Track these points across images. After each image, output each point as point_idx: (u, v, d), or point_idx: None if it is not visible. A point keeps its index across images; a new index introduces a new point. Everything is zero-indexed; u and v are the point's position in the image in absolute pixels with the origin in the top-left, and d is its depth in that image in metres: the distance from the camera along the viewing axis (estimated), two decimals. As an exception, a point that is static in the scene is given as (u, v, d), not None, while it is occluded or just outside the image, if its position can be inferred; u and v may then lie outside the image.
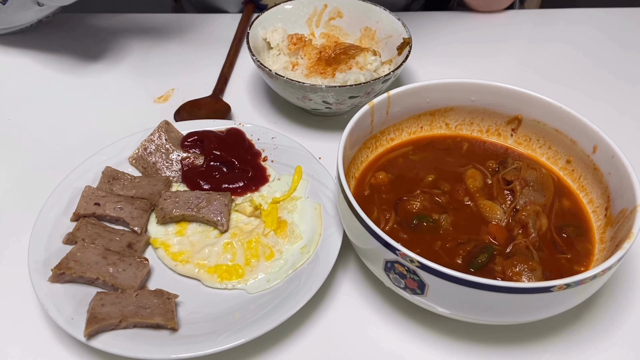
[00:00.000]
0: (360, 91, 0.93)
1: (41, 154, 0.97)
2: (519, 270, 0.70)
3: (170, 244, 0.81)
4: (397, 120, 0.87)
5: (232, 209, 0.85)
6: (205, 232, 0.83)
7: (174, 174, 0.90)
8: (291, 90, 0.94)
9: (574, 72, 1.18)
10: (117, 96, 1.09)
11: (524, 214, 0.77)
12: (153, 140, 0.91)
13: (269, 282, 0.77)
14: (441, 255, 0.73)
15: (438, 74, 0.86)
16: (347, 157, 0.79)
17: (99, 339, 0.68)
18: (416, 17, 1.29)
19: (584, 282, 0.62)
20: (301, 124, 1.04)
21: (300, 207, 0.85)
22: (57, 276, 0.73)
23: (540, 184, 0.80)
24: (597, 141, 0.78)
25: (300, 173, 0.88)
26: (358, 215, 0.68)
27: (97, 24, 1.25)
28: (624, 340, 0.75)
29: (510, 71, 1.19)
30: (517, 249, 0.74)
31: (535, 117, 0.85)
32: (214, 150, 0.91)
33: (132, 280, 0.74)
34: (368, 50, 1.01)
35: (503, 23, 1.31)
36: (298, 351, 0.73)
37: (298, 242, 0.81)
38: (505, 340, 0.75)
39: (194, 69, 1.15)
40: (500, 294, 0.62)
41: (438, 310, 0.69)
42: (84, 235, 0.79)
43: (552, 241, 0.76)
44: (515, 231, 0.76)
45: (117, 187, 0.86)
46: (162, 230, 0.83)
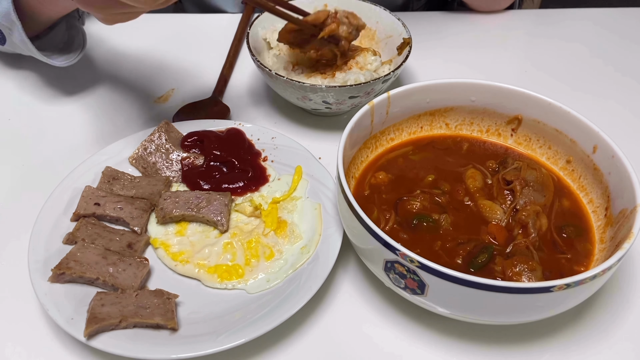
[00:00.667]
0: (360, 91, 0.93)
1: (41, 154, 0.97)
2: (519, 270, 0.70)
3: (170, 244, 0.81)
4: (397, 120, 0.87)
5: (232, 209, 0.85)
6: (205, 232, 0.83)
7: (174, 174, 0.90)
8: (291, 90, 0.94)
9: (574, 71, 1.18)
10: (117, 96, 1.09)
11: (524, 214, 0.77)
12: (153, 140, 0.91)
13: (269, 282, 0.77)
14: (441, 255, 0.73)
15: (438, 74, 0.86)
16: (347, 157, 0.79)
17: (99, 339, 0.68)
18: (416, 17, 1.29)
19: (584, 282, 0.62)
20: (301, 124, 1.04)
21: (300, 207, 0.85)
22: (57, 276, 0.73)
23: (540, 184, 0.80)
24: (597, 141, 0.78)
25: (301, 173, 0.88)
26: (358, 215, 0.68)
27: (96, 24, 1.25)
28: (624, 340, 0.75)
29: (510, 71, 1.19)
30: (517, 249, 0.74)
31: (535, 117, 0.85)
32: (214, 151, 0.91)
33: (132, 280, 0.74)
34: (368, 50, 1.01)
35: (503, 23, 1.31)
36: (298, 351, 0.73)
37: (298, 242, 0.81)
38: (505, 340, 0.75)
39: (194, 69, 1.15)
40: (500, 294, 0.62)
41: (438, 310, 0.69)
42: (84, 235, 0.79)
43: (552, 241, 0.76)
44: (515, 231, 0.76)
45: (117, 187, 0.86)
46: (162, 230, 0.83)
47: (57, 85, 1.11)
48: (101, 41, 1.21)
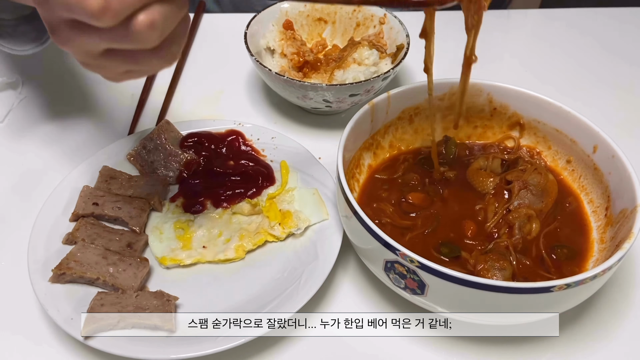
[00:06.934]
0: (360, 89, 0.93)
1: (41, 154, 0.97)
2: (489, 266, 0.70)
3: (180, 259, 0.79)
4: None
5: (231, 211, 0.85)
6: (212, 241, 0.82)
7: (171, 174, 0.90)
8: (291, 90, 0.94)
9: (575, 71, 1.18)
10: (116, 96, 1.09)
11: (515, 215, 0.77)
12: (152, 139, 0.91)
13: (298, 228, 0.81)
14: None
15: (438, 73, 0.86)
16: (347, 157, 0.79)
17: (98, 339, 0.68)
18: (416, 17, 1.29)
19: (584, 282, 0.62)
20: (301, 124, 1.04)
21: (298, 196, 0.85)
22: (58, 276, 0.73)
23: (542, 189, 0.80)
24: (598, 141, 0.78)
25: (287, 166, 0.89)
26: (358, 215, 0.68)
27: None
28: (624, 340, 0.75)
29: (510, 71, 1.19)
30: (497, 247, 0.74)
31: (535, 117, 0.85)
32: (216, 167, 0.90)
33: (132, 281, 0.74)
34: (362, 45, 1.00)
35: (503, 23, 1.31)
36: (298, 351, 0.73)
37: (308, 223, 0.82)
38: (505, 341, 0.74)
39: (194, 69, 1.15)
40: (500, 294, 0.62)
41: (438, 310, 0.69)
42: (84, 236, 0.79)
43: (540, 258, 0.75)
44: (502, 230, 0.76)
45: (114, 186, 0.86)
46: (166, 247, 0.80)
47: (56, 85, 1.11)
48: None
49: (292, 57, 1.01)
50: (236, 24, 1.17)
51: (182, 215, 0.84)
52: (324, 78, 0.98)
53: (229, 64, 1.15)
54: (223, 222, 0.84)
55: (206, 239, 0.82)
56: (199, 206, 0.86)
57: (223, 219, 0.84)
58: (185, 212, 0.85)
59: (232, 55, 1.16)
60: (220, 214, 0.85)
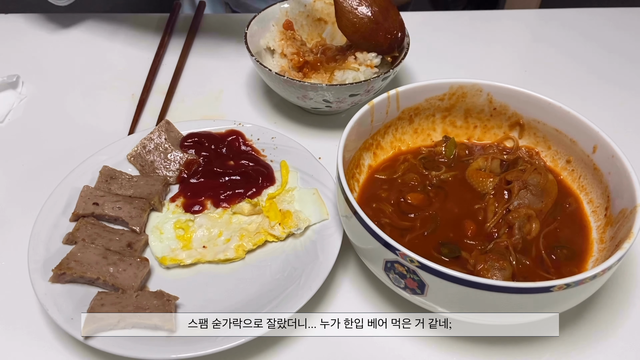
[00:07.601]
0: (360, 89, 0.93)
1: (41, 154, 0.97)
2: (488, 266, 0.70)
3: (180, 259, 0.79)
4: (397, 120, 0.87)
5: (231, 211, 0.85)
6: (212, 241, 0.82)
7: (171, 174, 0.90)
8: (291, 90, 0.94)
9: (574, 71, 1.18)
10: (116, 96, 1.09)
11: (515, 215, 0.77)
12: (152, 139, 0.91)
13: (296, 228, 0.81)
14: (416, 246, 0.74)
15: (438, 73, 0.86)
16: (347, 157, 0.79)
17: (98, 338, 0.68)
18: (416, 17, 1.29)
19: (584, 282, 0.62)
20: (301, 124, 1.04)
21: (297, 196, 0.85)
22: (58, 276, 0.73)
23: (541, 189, 0.80)
24: (597, 141, 0.78)
25: (287, 167, 0.89)
26: (358, 215, 0.68)
27: (97, 24, 1.25)
28: (624, 340, 0.75)
29: (510, 71, 1.19)
30: (497, 247, 0.74)
31: (535, 117, 0.85)
32: (216, 167, 0.90)
33: (132, 280, 0.74)
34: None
35: (503, 23, 1.31)
36: (298, 351, 0.73)
37: (308, 223, 0.82)
38: (505, 341, 0.75)
39: (194, 69, 1.15)
40: (500, 293, 0.62)
41: (438, 310, 0.69)
42: (84, 235, 0.79)
43: (540, 258, 0.75)
44: (502, 230, 0.76)
45: (114, 186, 0.86)
46: (166, 247, 0.80)
47: (56, 85, 1.11)
48: (100, 41, 1.21)
49: (292, 57, 1.01)
50: (236, 24, 1.18)
51: (182, 215, 0.85)
52: (324, 78, 0.98)
53: (229, 64, 1.15)
54: (223, 222, 0.84)
55: (206, 239, 0.82)
56: (199, 206, 0.86)
57: (223, 219, 0.84)
58: (185, 212, 0.85)
59: (232, 55, 1.16)
60: (220, 214, 0.85)
